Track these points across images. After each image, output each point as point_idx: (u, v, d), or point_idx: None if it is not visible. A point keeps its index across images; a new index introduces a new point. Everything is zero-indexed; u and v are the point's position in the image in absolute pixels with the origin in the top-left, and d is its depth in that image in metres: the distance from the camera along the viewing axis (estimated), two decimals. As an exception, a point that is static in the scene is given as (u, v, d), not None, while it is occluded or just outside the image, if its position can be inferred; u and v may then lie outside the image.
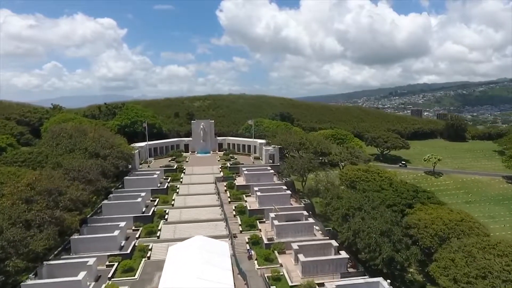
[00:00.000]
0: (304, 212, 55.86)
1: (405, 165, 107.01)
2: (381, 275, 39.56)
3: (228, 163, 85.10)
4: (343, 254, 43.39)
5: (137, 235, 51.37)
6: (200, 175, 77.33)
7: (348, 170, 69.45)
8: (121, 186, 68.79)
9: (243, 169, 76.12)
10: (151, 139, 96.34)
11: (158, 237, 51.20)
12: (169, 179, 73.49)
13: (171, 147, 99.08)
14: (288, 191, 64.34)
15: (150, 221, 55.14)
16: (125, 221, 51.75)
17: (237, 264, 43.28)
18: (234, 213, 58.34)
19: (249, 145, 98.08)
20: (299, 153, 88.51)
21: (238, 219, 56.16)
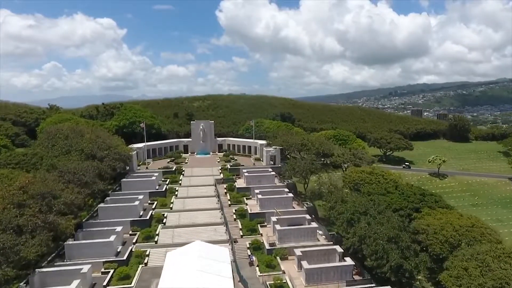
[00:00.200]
0: (306, 215, 54.57)
1: (408, 167, 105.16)
2: (389, 283, 38.21)
3: (228, 164, 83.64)
4: (348, 261, 41.93)
5: (134, 240, 50.25)
6: (199, 177, 75.94)
7: (351, 172, 67.75)
8: (118, 188, 67.19)
9: (244, 170, 74.62)
10: (150, 140, 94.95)
11: (156, 242, 49.96)
12: (168, 181, 71.92)
13: (170, 148, 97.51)
14: (290, 193, 62.99)
15: (147, 225, 53.91)
16: (121, 226, 50.72)
17: (237, 271, 41.91)
18: (234, 216, 57.20)
19: (250, 146, 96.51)
20: (301, 154, 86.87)
21: (238, 223, 54.92)
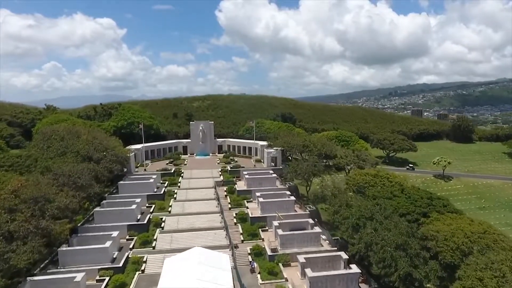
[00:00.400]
0: (309, 220, 52.74)
1: (412, 168, 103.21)
2: (397, 292, 36.32)
3: (228, 166, 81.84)
4: (354, 268, 40.00)
5: (131, 245, 48.34)
6: (199, 179, 74.12)
7: (355, 174, 65.83)
8: (115, 191, 65.30)
9: (244, 172, 72.74)
10: (148, 141, 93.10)
11: (153, 248, 48.14)
12: (166, 184, 70.10)
13: (169, 149, 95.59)
14: (292, 196, 61.15)
15: (145, 230, 52.05)
16: (118, 230, 48.80)
17: (238, 278, 40.21)
18: (235, 220, 55.39)
19: (250, 147, 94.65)
20: (302, 156, 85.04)
21: (239, 227, 53.10)
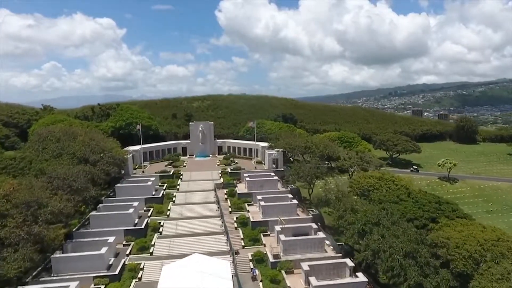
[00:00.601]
0: (313, 224, 50.93)
1: (416, 170, 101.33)
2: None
3: (228, 168, 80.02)
4: (361, 277, 38.32)
5: (128, 251, 46.66)
6: (198, 182, 72.27)
7: (359, 177, 63.98)
8: (112, 194, 63.43)
9: (245, 175, 70.91)
10: (147, 142, 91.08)
11: (151, 254, 46.40)
12: (165, 186, 68.28)
13: (168, 150, 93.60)
14: (294, 200, 59.31)
15: (143, 235, 50.32)
16: (114, 235, 47.21)
17: (239, 286, 38.69)
18: (235, 225, 53.70)
19: (251, 149, 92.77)
20: (304, 157, 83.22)
21: (240, 232, 51.36)
